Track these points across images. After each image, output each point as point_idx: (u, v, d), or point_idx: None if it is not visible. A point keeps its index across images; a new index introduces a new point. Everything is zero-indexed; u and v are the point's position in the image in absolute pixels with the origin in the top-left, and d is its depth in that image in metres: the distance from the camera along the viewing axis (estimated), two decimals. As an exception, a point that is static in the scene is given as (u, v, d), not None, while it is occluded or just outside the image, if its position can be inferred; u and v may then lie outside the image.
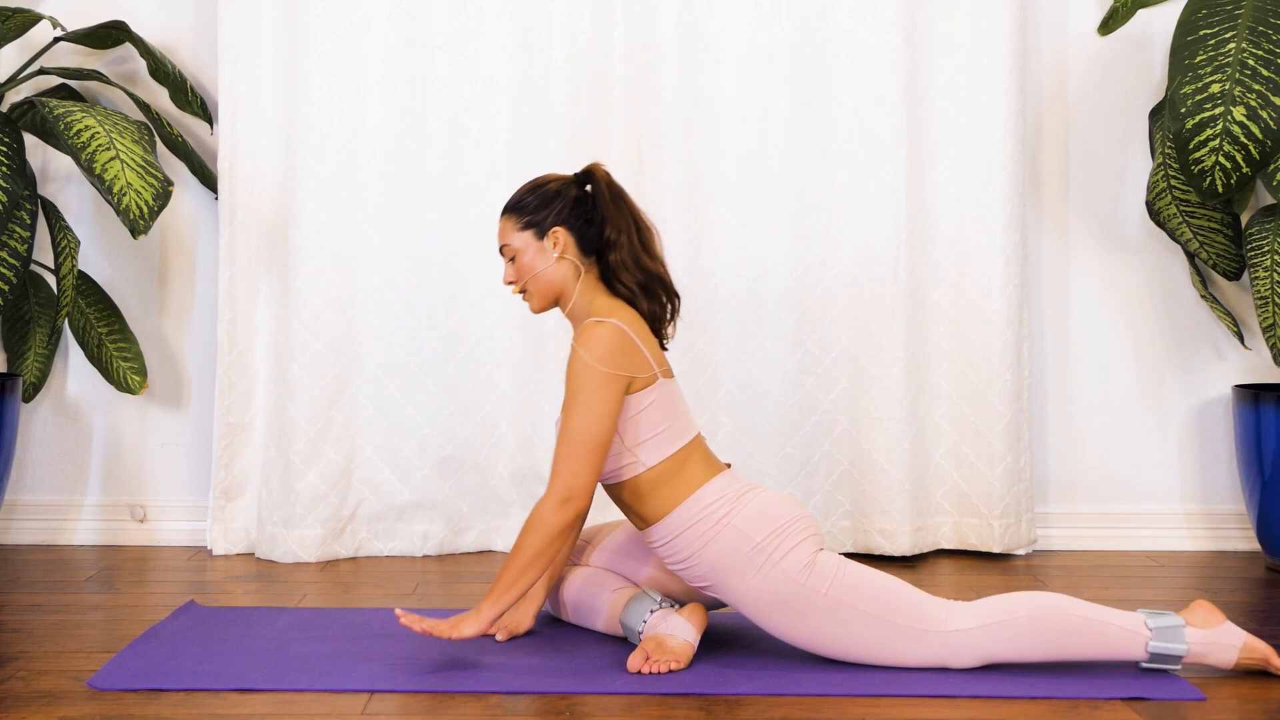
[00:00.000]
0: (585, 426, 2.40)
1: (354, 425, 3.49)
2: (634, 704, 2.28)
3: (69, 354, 3.66)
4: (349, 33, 3.47)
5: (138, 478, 3.66)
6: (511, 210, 2.58)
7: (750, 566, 2.42)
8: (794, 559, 2.41)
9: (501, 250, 2.60)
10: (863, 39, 3.48)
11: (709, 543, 2.44)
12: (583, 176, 2.61)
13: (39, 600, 3.01)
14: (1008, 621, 2.38)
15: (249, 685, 2.35)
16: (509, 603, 2.41)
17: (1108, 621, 2.38)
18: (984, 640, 2.38)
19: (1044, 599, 2.42)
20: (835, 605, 2.40)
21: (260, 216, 3.51)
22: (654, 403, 2.48)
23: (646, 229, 2.59)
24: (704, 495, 2.46)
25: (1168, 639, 2.37)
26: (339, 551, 3.48)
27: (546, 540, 2.39)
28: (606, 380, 2.42)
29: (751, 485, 2.53)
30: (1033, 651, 2.39)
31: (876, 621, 2.40)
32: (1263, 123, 3.12)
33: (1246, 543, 3.63)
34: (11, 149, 3.22)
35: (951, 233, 3.53)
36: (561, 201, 2.55)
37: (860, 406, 3.50)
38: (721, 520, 2.44)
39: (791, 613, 2.42)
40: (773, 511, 2.46)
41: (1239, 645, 2.40)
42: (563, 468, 2.41)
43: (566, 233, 2.54)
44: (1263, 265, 3.28)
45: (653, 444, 2.48)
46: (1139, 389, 3.68)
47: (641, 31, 3.50)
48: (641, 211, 2.60)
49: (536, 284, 2.56)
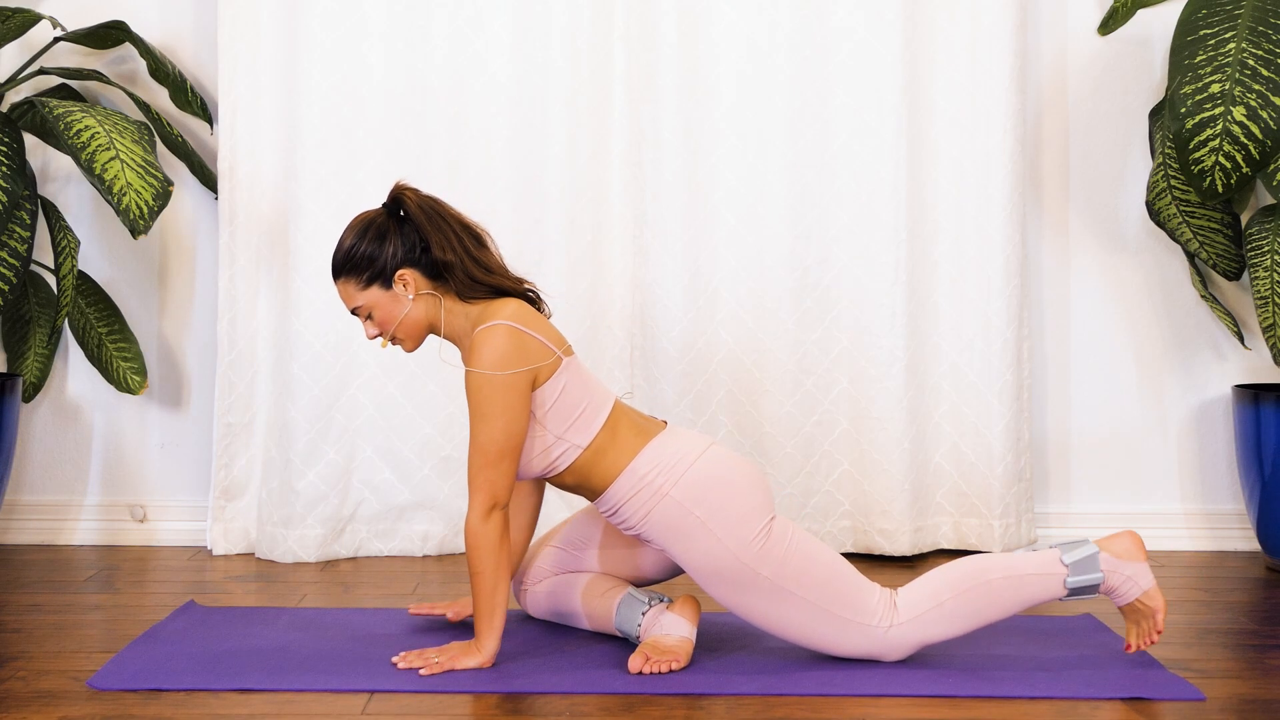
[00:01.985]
0: (492, 438, 2.39)
1: (354, 425, 3.49)
2: (634, 704, 2.28)
3: (69, 354, 3.66)
4: (349, 33, 3.47)
5: (138, 478, 3.66)
6: (345, 272, 2.49)
7: (691, 538, 2.43)
8: (736, 535, 2.41)
9: (354, 312, 2.52)
10: (863, 39, 3.48)
11: (650, 512, 2.45)
12: (392, 205, 2.52)
13: (39, 600, 3.01)
14: (934, 608, 2.41)
15: (249, 685, 2.35)
16: (501, 624, 2.44)
17: (1026, 573, 2.41)
18: (915, 632, 2.42)
19: (963, 572, 2.44)
20: (775, 588, 2.41)
21: (260, 216, 3.51)
22: (567, 385, 2.46)
23: (475, 235, 2.52)
24: (639, 465, 2.45)
25: (1083, 570, 2.41)
26: (339, 551, 3.48)
27: (492, 551, 2.40)
28: (508, 385, 2.39)
29: (693, 447, 2.48)
30: (963, 627, 2.43)
31: (814, 609, 2.41)
32: (1263, 123, 3.12)
33: (1246, 543, 3.63)
34: (11, 149, 3.22)
35: (951, 233, 3.53)
36: (390, 242, 2.47)
37: (860, 406, 3.50)
38: (659, 491, 2.44)
39: (730, 585, 2.43)
40: (713, 482, 2.44)
41: (1145, 588, 2.43)
42: (479, 480, 2.40)
43: (411, 270, 2.48)
44: (1263, 265, 3.28)
45: (579, 424, 2.46)
46: (1139, 389, 3.68)
47: (641, 31, 3.50)
48: (464, 216, 2.53)
49: (403, 329, 2.51)
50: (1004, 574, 2.41)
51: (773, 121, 3.49)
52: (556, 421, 2.46)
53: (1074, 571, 2.41)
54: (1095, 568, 2.41)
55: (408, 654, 2.46)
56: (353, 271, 2.48)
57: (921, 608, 2.42)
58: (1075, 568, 2.41)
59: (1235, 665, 2.56)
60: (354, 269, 2.48)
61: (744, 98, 3.49)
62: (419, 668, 2.41)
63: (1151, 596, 2.43)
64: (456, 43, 3.49)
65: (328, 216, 3.45)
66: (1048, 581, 2.41)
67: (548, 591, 2.72)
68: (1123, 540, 2.45)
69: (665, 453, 2.47)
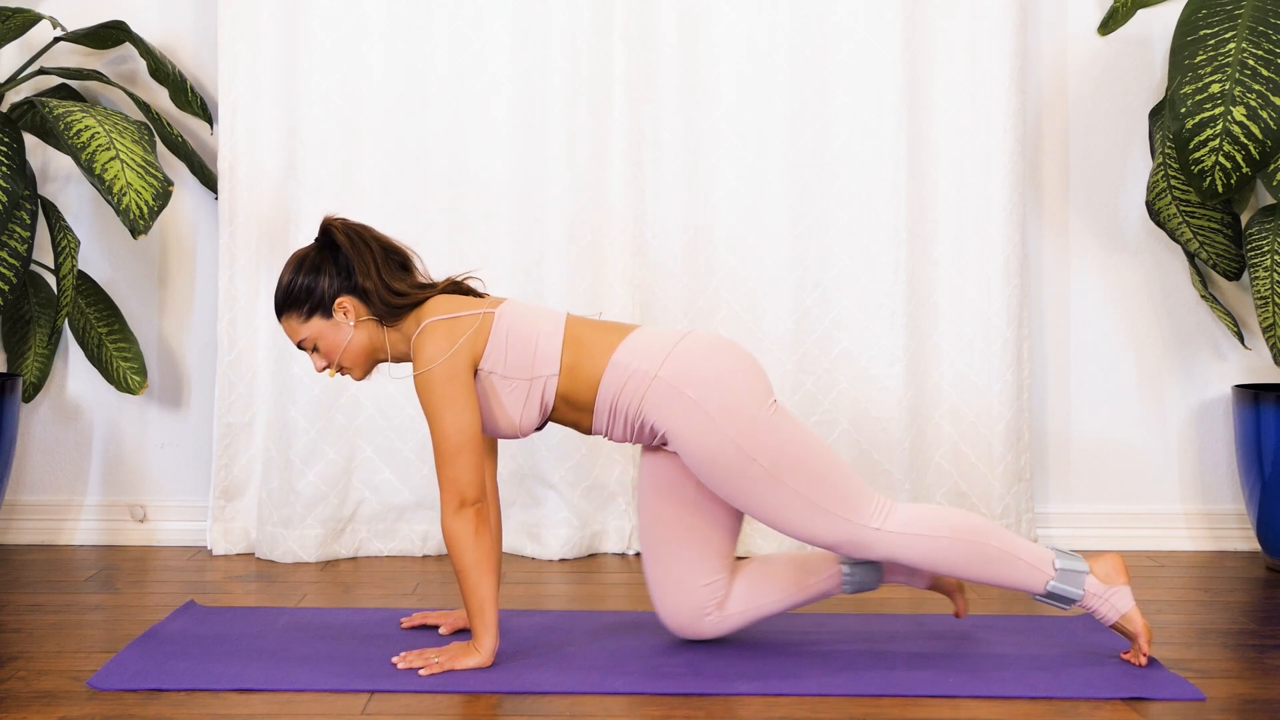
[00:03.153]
0: (444, 434, 2.41)
1: (354, 425, 3.49)
2: (634, 704, 2.28)
3: (69, 354, 3.66)
4: (349, 33, 3.47)
5: (138, 478, 3.66)
6: (288, 307, 2.52)
7: (686, 420, 2.42)
8: (731, 418, 2.41)
9: (300, 345, 2.55)
10: (863, 39, 3.48)
11: (642, 401, 2.44)
12: (323, 237, 2.55)
13: (39, 600, 3.01)
14: (929, 537, 2.42)
15: (249, 685, 2.35)
16: (494, 619, 2.43)
17: (1019, 556, 2.44)
18: (901, 545, 2.42)
19: (969, 522, 2.46)
20: (768, 476, 2.41)
21: (260, 216, 3.51)
22: (509, 330, 2.46)
23: (392, 260, 2.53)
24: (619, 358, 2.46)
25: (1067, 582, 2.44)
26: (339, 551, 3.48)
27: (470, 547, 2.40)
28: (446, 376, 2.41)
29: (673, 332, 2.51)
30: (943, 566, 2.44)
31: (804, 501, 2.41)
32: (1263, 123, 3.12)
33: (1246, 543, 3.63)
34: (11, 149, 3.22)
35: (951, 233, 3.53)
36: (325, 273, 2.50)
37: (860, 406, 3.50)
38: (646, 374, 2.44)
39: (722, 469, 2.42)
40: (702, 361, 2.45)
41: (1123, 611, 2.45)
42: (443, 478, 2.42)
43: (349, 297, 2.50)
44: (1263, 265, 3.28)
45: (540, 356, 2.46)
46: (1139, 389, 3.68)
47: (641, 31, 3.50)
48: (389, 240, 2.56)
49: (348, 357, 2.53)
50: (1001, 546, 2.44)
51: (773, 121, 3.49)
52: (520, 366, 2.46)
53: (1060, 578, 2.44)
54: (1080, 585, 2.44)
55: (408, 654, 2.46)
56: (293, 305, 2.52)
57: (916, 528, 2.43)
58: (1062, 575, 2.44)
59: (1235, 665, 2.56)
60: (294, 303, 2.52)
61: (744, 98, 3.49)
62: (419, 668, 2.42)
63: (1130, 619, 2.46)
64: (456, 43, 3.49)
65: (328, 216, 3.45)
66: (1034, 574, 2.44)
67: (740, 611, 2.60)
68: (1107, 563, 2.48)
69: (643, 340, 2.48)
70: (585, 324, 2.53)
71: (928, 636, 2.68)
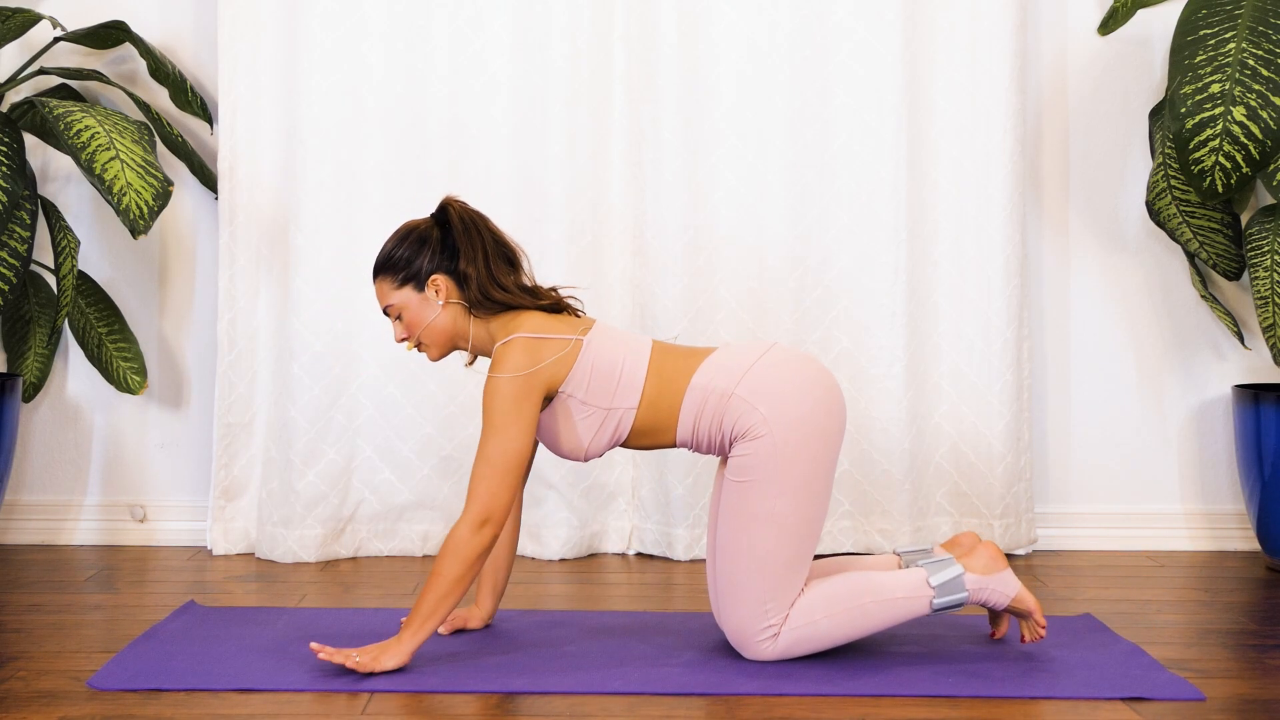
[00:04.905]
0: (500, 449, 2.40)
1: (354, 425, 3.49)
2: (634, 704, 2.28)
3: (69, 354, 3.66)
4: (349, 32, 3.47)
5: (138, 478, 3.66)
6: (384, 270, 2.55)
7: (751, 437, 2.43)
8: (783, 441, 2.42)
9: (385, 311, 2.57)
10: (863, 39, 3.48)
11: (723, 418, 2.45)
12: (439, 215, 2.58)
13: (39, 600, 3.01)
14: (808, 625, 2.45)
15: (249, 685, 2.35)
16: (430, 632, 2.40)
17: (895, 597, 2.47)
18: (791, 644, 2.45)
19: (837, 593, 2.47)
20: (762, 527, 2.42)
21: (260, 216, 3.51)
22: (595, 358, 2.47)
23: (501, 254, 2.55)
24: (698, 380, 2.48)
25: (949, 592, 2.47)
26: (339, 551, 3.48)
27: (466, 565, 2.37)
28: (518, 392, 2.41)
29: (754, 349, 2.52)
30: (830, 642, 2.47)
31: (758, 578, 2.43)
32: (1263, 123, 3.12)
33: (1246, 543, 3.63)
34: (11, 149, 3.22)
35: (951, 233, 3.53)
36: (429, 248, 2.53)
37: (860, 406, 3.50)
38: (724, 393, 2.45)
39: (740, 495, 2.43)
40: (776, 379, 2.46)
41: (1012, 594, 2.49)
42: (480, 490, 2.39)
43: (444, 277, 2.52)
44: (1263, 265, 3.28)
45: (623, 385, 2.47)
46: (1139, 389, 3.68)
47: (641, 31, 3.50)
48: (503, 235, 2.58)
49: (429, 335, 2.55)
50: (874, 598, 2.46)
51: (773, 121, 3.49)
52: (600, 394, 2.47)
53: (940, 593, 2.47)
54: (961, 588, 2.47)
55: (329, 649, 2.37)
56: (389, 270, 2.54)
57: (797, 622, 2.45)
58: (941, 589, 2.47)
59: (1235, 665, 2.56)
60: (391, 269, 2.54)
61: (744, 98, 3.49)
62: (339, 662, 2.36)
63: (1021, 600, 2.50)
64: (456, 43, 3.49)
65: (328, 217, 3.46)
66: (915, 603, 2.47)
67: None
68: (982, 555, 2.51)
69: (722, 359, 2.50)
70: (669, 352, 2.54)
71: (928, 636, 2.68)
